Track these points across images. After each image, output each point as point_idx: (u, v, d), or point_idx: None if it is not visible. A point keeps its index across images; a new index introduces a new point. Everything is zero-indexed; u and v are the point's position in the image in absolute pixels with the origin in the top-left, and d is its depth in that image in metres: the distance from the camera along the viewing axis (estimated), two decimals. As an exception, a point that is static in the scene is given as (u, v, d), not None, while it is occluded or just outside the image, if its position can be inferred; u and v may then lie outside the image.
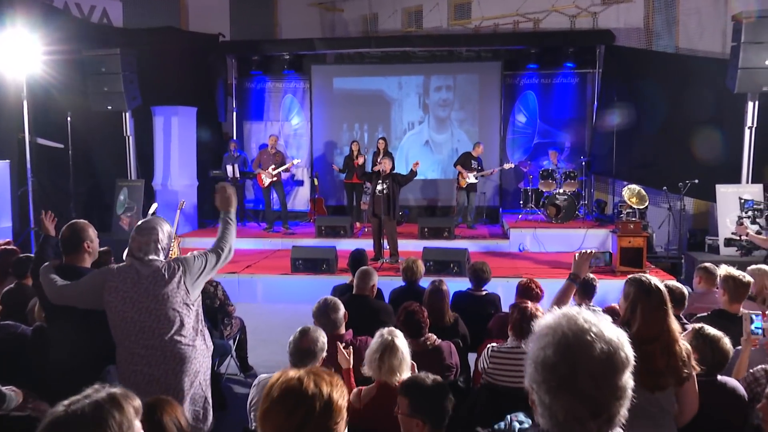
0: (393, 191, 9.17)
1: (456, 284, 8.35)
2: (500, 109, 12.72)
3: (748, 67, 8.09)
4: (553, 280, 8.30)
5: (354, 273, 5.43)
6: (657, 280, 2.92)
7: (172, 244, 3.50)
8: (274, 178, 11.67)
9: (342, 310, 3.88)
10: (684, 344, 2.79)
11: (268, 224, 11.92)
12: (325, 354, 3.35)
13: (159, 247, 3.39)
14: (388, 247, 9.56)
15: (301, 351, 3.26)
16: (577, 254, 3.39)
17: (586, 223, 10.90)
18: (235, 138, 13.36)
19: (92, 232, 3.77)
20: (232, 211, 3.63)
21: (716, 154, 9.60)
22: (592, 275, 5.08)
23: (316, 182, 12.63)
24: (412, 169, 9.10)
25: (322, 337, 3.33)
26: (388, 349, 3.20)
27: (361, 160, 10.35)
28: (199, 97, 12.71)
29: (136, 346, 3.24)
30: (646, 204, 8.41)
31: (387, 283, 8.47)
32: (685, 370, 2.70)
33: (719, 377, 3.02)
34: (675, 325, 2.80)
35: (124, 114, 10.98)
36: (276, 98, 13.57)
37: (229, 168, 11.97)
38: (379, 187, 9.22)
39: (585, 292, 4.92)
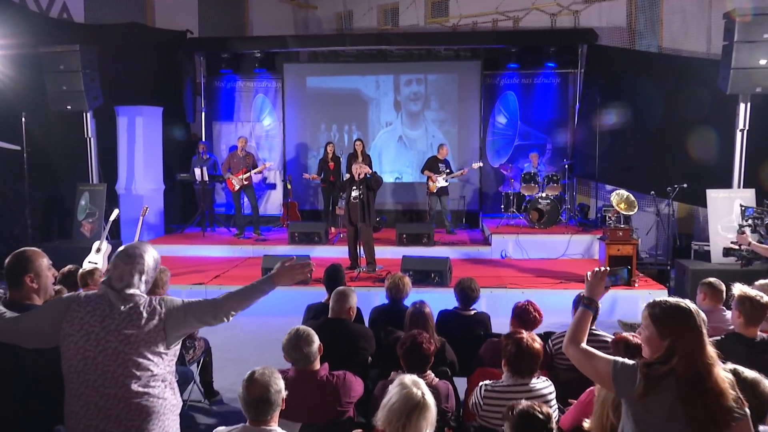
0: (368, 197, 8.72)
1: (437, 296, 7.96)
2: (480, 109, 12.32)
3: (742, 67, 7.76)
4: (539, 290, 7.91)
5: (329, 291, 4.94)
6: (687, 300, 2.50)
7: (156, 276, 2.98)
8: (245, 182, 11.14)
9: (316, 342, 3.38)
10: (727, 375, 2.37)
11: (239, 230, 11.38)
12: (285, 394, 2.84)
13: (143, 279, 2.86)
14: (364, 255, 9.08)
15: (254, 402, 2.75)
16: (589, 273, 2.90)
17: (570, 229, 10.53)
18: (204, 140, 12.79)
19: (41, 263, 3.17)
20: (275, 286, 3.06)
21: (705, 157, 9.30)
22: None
23: (289, 186, 12.09)
24: (372, 174, 8.73)
25: (276, 378, 2.81)
26: (418, 409, 2.60)
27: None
28: (165, 97, 12.14)
29: (94, 395, 2.67)
30: (635, 210, 8.05)
31: (364, 295, 8.02)
32: (737, 409, 2.28)
33: (761, 427, 2.59)
34: (713, 352, 2.39)
35: (85, 114, 10.36)
36: (247, 98, 13.01)
37: (197, 171, 11.40)
38: (354, 194, 8.77)
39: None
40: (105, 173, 11.18)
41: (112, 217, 9.09)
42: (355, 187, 8.78)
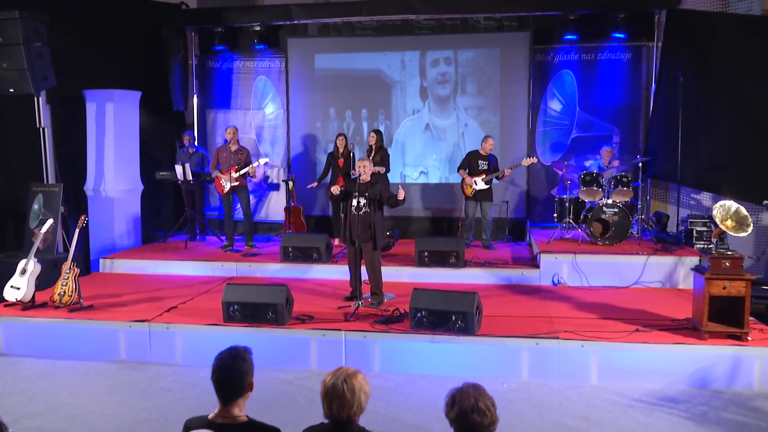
0: (375, 212, 6.52)
1: (458, 349, 5.60)
2: (528, 93, 9.89)
3: None
4: (607, 344, 5.49)
5: (221, 397, 2.73)
6: None
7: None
8: (236, 182, 9.05)
9: None
10: None
11: (228, 241, 9.31)
12: None
13: None
14: (368, 280, 6.87)
15: None
16: None
17: (645, 247, 8.06)
18: (197, 130, 10.80)
19: None
20: None
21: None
22: None
23: (291, 186, 9.92)
24: (397, 197, 6.45)
25: None
26: None
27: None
28: (151, 80, 10.26)
29: None
30: (749, 230, 5.55)
31: (358, 343, 5.78)
32: None
33: None
34: None
35: (36, 99, 8.47)
36: (246, 81, 10.86)
37: (178, 168, 9.37)
38: (355, 202, 6.55)
39: None
40: (75, 171, 9.39)
41: (44, 228, 7.27)
42: (357, 194, 6.57)
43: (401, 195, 6.46)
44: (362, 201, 6.57)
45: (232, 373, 2.71)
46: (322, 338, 5.87)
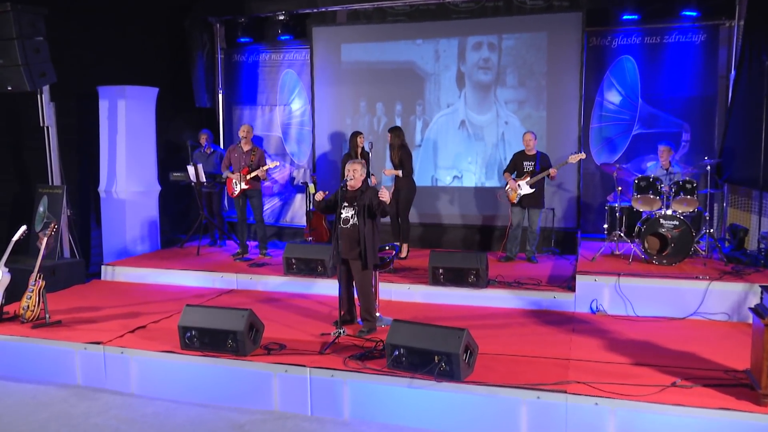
0: (364, 224, 5.57)
1: (443, 398, 4.48)
2: (580, 83, 8.57)
3: None
4: (632, 405, 4.26)
5: None
6: None
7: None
8: (247, 186, 8.33)
9: None
10: None
11: (241, 248, 8.60)
12: None
13: None
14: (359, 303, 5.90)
15: None
16: None
17: (711, 268, 6.63)
18: (221, 128, 10.16)
19: None
20: None
21: None
22: None
23: (312, 189, 9.08)
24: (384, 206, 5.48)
25: None
26: None
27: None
28: (176, 75, 9.78)
29: None
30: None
31: (326, 383, 4.89)
32: None
33: None
34: None
35: (39, 97, 8.06)
36: (272, 74, 10.10)
37: (190, 169, 8.75)
38: (345, 214, 5.62)
39: None
40: (93, 171, 8.99)
41: (17, 236, 6.74)
42: (347, 204, 5.63)
43: (384, 195, 5.46)
44: (350, 212, 5.62)
45: None
46: (284, 374, 4.96)
